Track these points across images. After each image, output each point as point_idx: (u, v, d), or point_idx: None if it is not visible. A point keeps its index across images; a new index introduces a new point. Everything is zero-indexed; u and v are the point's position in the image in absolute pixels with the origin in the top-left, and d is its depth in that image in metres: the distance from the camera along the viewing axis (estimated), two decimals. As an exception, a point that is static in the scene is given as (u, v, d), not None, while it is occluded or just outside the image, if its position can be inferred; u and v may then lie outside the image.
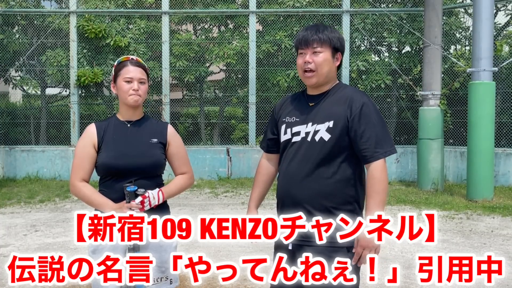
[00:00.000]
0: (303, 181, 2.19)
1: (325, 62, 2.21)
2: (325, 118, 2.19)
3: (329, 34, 2.23)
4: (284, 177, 2.27)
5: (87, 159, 2.42)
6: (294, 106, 2.33)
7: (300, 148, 2.22)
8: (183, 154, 2.61)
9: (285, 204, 2.27)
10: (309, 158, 2.18)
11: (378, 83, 10.69)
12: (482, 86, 8.16)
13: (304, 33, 2.26)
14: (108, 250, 2.39)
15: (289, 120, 2.30)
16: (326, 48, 2.22)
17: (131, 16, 11.10)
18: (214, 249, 5.34)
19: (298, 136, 2.24)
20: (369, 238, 2.11)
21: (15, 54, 10.98)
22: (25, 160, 10.62)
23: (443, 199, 8.28)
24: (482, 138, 8.11)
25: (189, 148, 10.75)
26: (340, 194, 2.18)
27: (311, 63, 2.21)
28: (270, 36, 10.96)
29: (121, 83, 2.45)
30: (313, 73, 2.22)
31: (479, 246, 5.52)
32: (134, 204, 2.33)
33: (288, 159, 2.26)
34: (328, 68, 2.23)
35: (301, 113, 2.28)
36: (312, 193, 2.17)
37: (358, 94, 2.23)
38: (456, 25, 10.81)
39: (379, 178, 2.12)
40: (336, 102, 2.21)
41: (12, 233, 6.11)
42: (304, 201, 2.18)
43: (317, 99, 2.27)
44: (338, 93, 2.25)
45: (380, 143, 2.13)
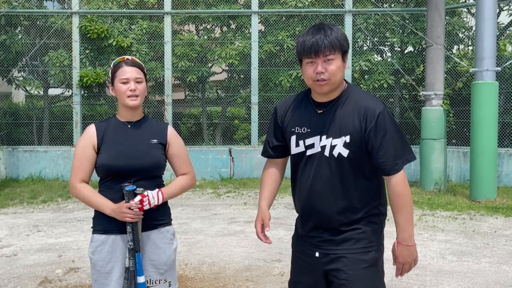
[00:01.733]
0: (329, 198, 2.14)
1: (338, 69, 2.07)
2: (340, 132, 2.09)
3: (338, 37, 2.06)
4: (308, 193, 2.19)
5: (87, 160, 2.41)
6: (301, 113, 2.20)
7: (319, 164, 2.14)
8: (183, 154, 2.59)
9: (310, 216, 2.21)
10: (332, 174, 2.13)
11: (381, 83, 10.67)
12: (485, 86, 8.13)
13: (311, 38, 2.06)
14: (107, 252, 2.39)
15: (299, 130, 2.18)
16: (337, 54, 2.06)
17: (133, 16, 11.10)
18: (217, 250, 5.33)
19: (313, 149, 2.15)
20: (406, 254, 2.15)
21: (18, 54, 11.00)
22: (27, 160, 10.63)
23: (446, 200, 8.25)
24: (485, 138, 8.08)
25: (191, 148, 10.75)
26: (365, 205, 2.16)
27: (324, 73, 2.05)
28: (272, 36, 10.95)
29: (118, 84, 2.43)
30: (325, 82, 2.07)
31: (482, 247, 5.49)
32: (133, 204, 2.31)
33: (308, 175, 2.18)
34: (341, 75, 2.11)
35: (310, 122, 2.16)
36: (338, 209, 2.14)
37: (372, 102, 2.10)
38: (459, 25, 10.78)
39: (402, 192, 2.09)
40: (350, 113, 2.10)
41: (15, 233, 6.12)
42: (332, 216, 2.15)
43: (326, 106, 2.15)
44: (350, 101, 2.12)
45: (398, 155, 2.08)
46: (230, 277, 4.49)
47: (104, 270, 2.38)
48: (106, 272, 2.38)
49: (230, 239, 5.79)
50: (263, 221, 2.36)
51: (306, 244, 2.26)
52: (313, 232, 2.22)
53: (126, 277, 2.36)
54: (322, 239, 2.19)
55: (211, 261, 4.93)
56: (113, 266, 2.39)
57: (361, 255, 2.14)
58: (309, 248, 2.23)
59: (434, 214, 7.22)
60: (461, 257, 5.11)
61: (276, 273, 4.58)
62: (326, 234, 2.18)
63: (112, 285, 2.38)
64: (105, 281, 2.38)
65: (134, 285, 2.35)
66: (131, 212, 2.31)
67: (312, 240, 2.22)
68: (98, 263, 2.39)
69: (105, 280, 2.38)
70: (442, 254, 5.19)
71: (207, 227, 6.39)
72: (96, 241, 2.40)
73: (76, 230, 6.26)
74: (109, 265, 2.38)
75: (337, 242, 2.16)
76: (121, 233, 2.39)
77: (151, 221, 2.44)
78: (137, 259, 2.36)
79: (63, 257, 5.07)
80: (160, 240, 2.47)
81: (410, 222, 2.11)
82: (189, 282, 4.34)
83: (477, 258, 5.08)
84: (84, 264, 4.83)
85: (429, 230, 6.24)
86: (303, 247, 2.28)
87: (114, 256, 2.39)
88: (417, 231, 6.21)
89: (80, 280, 4.40)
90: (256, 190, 9.20)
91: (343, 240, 2.15)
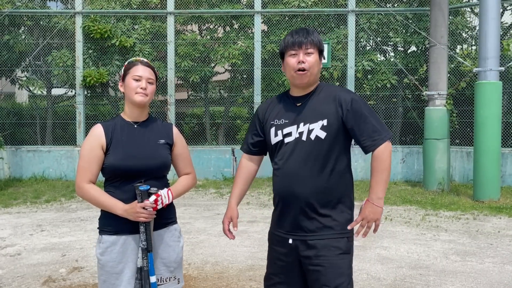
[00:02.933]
0: (305, 179, 2.28)
1: (316, 62, 2.34)
2: (317, 117, 2.30)
3: (317, 37, 2.36)
4: (283, 176, 2.34)
5: (95, 161, 2.39)
6: (281, 108, 2.42)
7: (295, 148, 2.31)
8: (187, 155, 2.61)
9: (287, 201, 2.34)
10: (307, 156, 2.28)
11: (384, 83, 10.66)
12: (489, 85, 8.11)
13: (295, 36, 2.36)
14: (117, 253, 2.37)
15: (278, 122, 2.38)
16: (315, 50, 2.34)
17: (136, 16, 11.12)
18: (220, 249, 5.33)
19: (291, 137, 2.32)
20: (369, 210, 2.26)
21: (21, 54, 11.03)
22: (31, 160, 10.66)
23: (449, 200, 8.23)
24: (489, 138, 8.06)
25: (194, 148, 10.76)
26: (339, 187, 2.31)
27: (305, 62, 2.31)
28: (275, 36, 10.95)
29: (129, 80, 2.44)
30: (305, 72, 2.32)
31: (485, 247, 5.48)
32: (148, 204, 2.31)
33: (284, 159, 2.34)
34: (318, 69, 2.36)
35: (289, 114, 2.37)
36: (315, 190, 2.27)
37: (345, 92, 2.35)
38: (463, 25, 10.75)
39: (381, 157, 2.25)
40: (325, 100, 2.33)
41: (19, 232, 6.13)
42: (308, 197, 2.28)
43: (303, 99, 2.37)
44: (324, 92, 2.36)
45: (377, 131, 2.26)
46: (233, 276, 4.49)
47: (114, 271, 2.36)
48: (116, 273, 2.36)
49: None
50: (232, 219, 2.54)
51: (281, 232, 2.38)
52: (287, 217, 2.34)
53: (138, 277, 2.36)
54: (296, 224, 2.31)
55: (214, 261, 4.93)
56: (124, 267, 2.37)
57: (334, 241, 2.26)
58: (284, 235, 2.35)
59: (437, 214, 7.20)
60: (465, 257, 5.10)
61: (279, 273, 4.57)
62: (300, 217, 2.29)
63: (123, 285, 2.36)
64: (116, 281, 2.36)
65: (148, 285, 2.35)
66: (146, 212, 2.31)
67: (286, 225, 2.34)
68: (108, 264, 2.36)
69: (116, 280, 2.36)
70: (446, 254, 5.18)
71: (210, 226, 6.39)
72: (106, 242, 2.37)
73: (80, 229, 6.27)
74: (119, 265, 2.36)
75: (310, 228, 2.28)
76: (132, 233, 2.38)
77: (162, 220, 2.45)
78: (149, 259, 2.36)
79: (67, 257, 5.08)
80: (169, 238, 2.48)
81: (382, 186, 2.26)
82: (192, 282, 4.34)
83: (480, 258, 5.06)
84: (87, 263, 4.84)
85: (433, 230, 6.23)
86: (277, 236, 2.40)
87: (125, 256, 2.37)
88: (420, 231, 6.20)
89: (84, 280, 4.40)
90: (258, 190, 9.20)
91: (317, 227, 2.28)
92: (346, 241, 2.29)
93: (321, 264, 2.23)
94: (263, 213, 7.21)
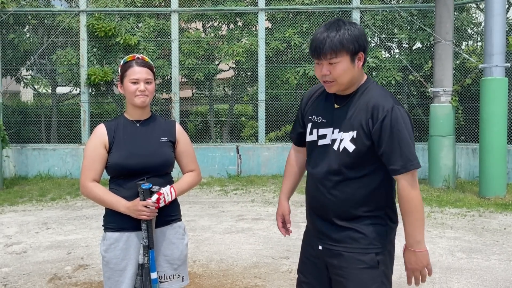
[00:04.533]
0: (329, 189, 2.15)
1: (344, 72, 2.04)
2: (349, 127, 2.09)
3: (343, 38, 2.01)
4: (311, 180, 2.23)
5: (98, 160, 2.41)
6: (321, 104, 2.23)
7: (325, 154, 2.16)
8: (191, 151, 2.61)
9: (314, 207, 2.25)
10: (335, 167, 2.13)
11: (389, 80, 10.62)
12: (494, 82, 8.06)
13: (318, 38, 2.04)
14: (121, 250, 2.39)
15: (315, 119, 2.21)
16: (342, 56, 2.02)
17: (140, 14, 11.12)
18: (225, 247, 5.34)
19: (325, 140, 2.17)
20: (414, 260, 2.10)
21: (26, 53, 11.06)
22: (36, 158, 10.70)
23: (455, 197, 8.20)
24: (495, 135, 8.02)
25: (198, 146, 10.76)
26: (367, 202, 2.11)
27: (329, 75, 2.06)
28: (280, 33, 10.93)
29: (127, 84, 2.43)
30: (332, 83, 2.09)
31: (491, 244, 5.45)
32: (150, 202, 2.32)
33: (314, 162, 2.21)
34: (350, 76, 2.07)
35: (327, 114, 2.18)
36: (338, 201, 2.13)
37: (383, 100, 2.06)
38: (468, 21, 10.68)
39: (407, 196, 2.04)
40: (361, 108, 2.09)
41: (24, 230, 6.16)
42: (330, 208, 2.15)
43: (343, 100, 2.15)
44: (364, 97, 2.11)
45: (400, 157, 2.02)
46: (238, 274, 4.49)
47: (118, 268, 2.38)
48: (120, 270, 2.38)
49: (238, 236, 5.80)
50: (284, 217, 2.44)
51: (311, 236, 2.29)
52: (316, 223, 2.23)
53: (139, 273, 2.37)
54: (323, 232, 2.19)
55: (219, 258, 4.93)
56: (127, 263, 2.39)
57: (359, 255, 2.11)
58: (314, 240, 2.25)
59: (443, 211, 7.18)
60: (470, 254, 5.08)
61: (284, 270, 4.57)
62: (326, 226, 2.17)
63: (126, 282, 2.38)
64: (119, 278, 2.38)
65: (149, 282, 2.36)
66: (147, 210, 2.31)
67: (315, 232, 2.24)
68: (112, 261, 2.38)
69: (119, 277, 2.38)
70: (451, 251, 5.16)
71: (215, 224, 6.40)
72: (110, 239, 2.40)
73: (85, 227, 6.29)
74: (123, 262, 2.38)
75: (336, 238, 2.15)
76: (135, 230, 2.39)
77: (164, 217, 2.45)
78: (151, 256, 2.37)
79: (72, 254, 5.10)
80: (173, 236, 2.49)
81: (418, 227, 2.05)
82: (197, 279, 4.35)
83: (486, 255, 5.04)
84: (93, 261, 4.85)
85: (438, 227, 6.21)
86: (309, 238, 2.31)
87: (128, 253, 2.39)
88: (426, 228, 6.15)
89: (89, 277, 4.42)
90: (263, 188, 9.20)
91: (342, 237, 2.14)
92: (374, 256, 2.11)
93: (343, 275, 2.13)
94: (267, 210, 7.21)
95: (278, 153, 10.67)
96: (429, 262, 2.09)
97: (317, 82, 10.52)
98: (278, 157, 10.64)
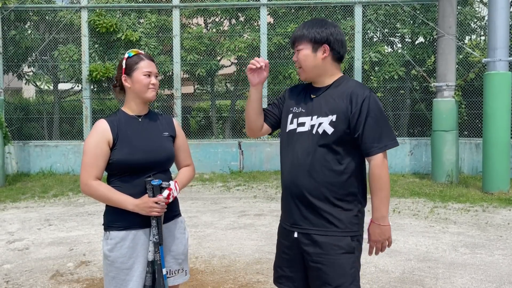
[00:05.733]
0: (309, 172, 2.24)
1: (305, 57, 2.29)
2: (328, 111, 2.24)
3: (307, 29, 2.28)
4: (290, 166, 2.31)
5: (101, 157, 2.33)
6: (300, 96, 2.40)
7: (304, 140, 2.27)
8: (187, 146, 2.62)
9: (292, 192, 2.31)
10: (313, 149, 2.24)
11: (391, 75, 10.56)
12: (498, 76, 8.02)
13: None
14: (127, 248, 2.34)
15: (295, 110, 2.36)
16: (305, 45, 2.29)
17: (141, 10, 11.09)
18: (227, 243, 5.32)
19: (304, 127, 2.30)
20: (378, 232, 2.25)
21: (28, 49, 11.05)
22: (38, 155, 10.70)
23: (458, 192, 8.17)
24: (498, 130, 7.98)
25: (200, 142, 10.75)
26: (345, 185, 2.24)
27: (296, 61, 2.34)
28: (281, 28, 10.88)
29: (140, 76, 2.39)
30: (300, 70, 2.34)
31: (495, 239, 5.42)
32: (161, 198, 2.29)
33: (292, 149, 2.31)
34: (313, 63, 2.29)
35: (305, 104, 2.35)
36: (316, 184, 2.23)
37: (360, 88, 2.25)
38: (471, 15, 10.61)
39: (378, 175, 2.20)
40: (339, 96, 2.26)
41: (27, 227, 6.16)
42: (311, 191, 2.24)
43: (319, 91, 2.33)
44: (341, 87, 2.29)
45: (378, 138, 2.19)
46: (240, 270, 4.47)
47: (125, 266, 2.33)
48: (127, 268, 2.33)
49: (240, 232, 5.78)
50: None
51: (286, 224, 2.34)
52: (292, 210, 2.29)
53: (148, 270, 2.34)
54: (300, 217, 2.26)
55: (222, 254, 4.92)
56: (134, 262, 2.34)
57: (335, 240, 2.21)
58: (289, 228, 2.31)
59: (446, 206, 7.14)
60: (474, 249, 5.05)
61: (287, 266, 4.55)
62: (303, 210, 2.25)
63: (134, 280, 2.33)
64: (126, 277, 2.33)
65: (161, 278, 2.33)
66: (158, 206, 2.29)
67: (290, 219, 2.30)
68: (118, 260, 2.32)
69: (126, 276, 2.33)
70: (455, 247, 5.13)
71: (217, 220, 6.38)
72: (115, 238, 2.33)
73: (87, 224, 6.28)
74: (130, 260, 2.33)
75: (313, 222, 2.23)
76: (142, 228, 2.35)
77: (169, 213, 2.43)
78: (161, 252, 2.35)
79: (74, 251, 5.09)
80: (176, 231, 2.47)
81: (384, 204, 2.23)
82: (199, 275, 4.34)
83: (490, 250, 5.01)
84: (95, 257, 4.84)
85: (441, 223, 6.18)
86: (282, 232, 2.37)
87: (135, 251, 2.34)
88: (429, 223, 6.15)
89: (91, 274, 4.41)
90: (266, 183, 9.18)
91: (320, 221, 2.22)
92: (350, 240, 2.23)
93: (322, 262, 2.20)
94: (270, 206, 7.19)
95: (281, 149, 10.63)
96: (390, 235, 2.26)
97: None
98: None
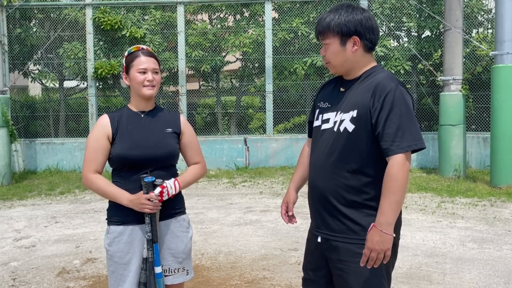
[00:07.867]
0: (328, 173, 2.09)
1: (334, 54, 2.09)
2: (350, 107, 2.05)
3: (332, 21, 2.06)
4: (312, 167, 2.20)
5: (101, 151, 2.37)
6: (329, 91, 2.24)
7: (327, 138, 2.12)
8: (195, 143, 2.57)
9: (313, 194, 2.21)
10: (334, 149, 2.08)
11: (398, 69, 10.49)
12: (506, 69, 7.93)
13: (317, 21, 2.17)
14: (125, 243, 2.36)
15: (322, 105, 2.22)
16: (332, 38, 2.08)
17: (146, 7, 11.07)
18: (233, 239, 5.31)
19: (327, 124, 2.14)
20: (377, 240, 1.95)
21: (33, 47, 11.07)
22: (45, 152, 10.74)
23: (465, 186, 8.11)
24: (506, 123, 7.90)
25: (206, 138, 10.74)
26: (366, 188, 2.04)
27: (324, 56, 2.15)
28: (286, 23, 10.82)
29: (134, 74, 2.40)
30: (328, 64, 2.17)
31: (503, 234, 5.37)
32: (153, 195, 2.29)
33: (316, 148, 2.19)
34: (342, 58, 2.09)
35: (332, 99, 2.18)
36: (337, 188, 2.07)
37: (386, 80, 2.02)
38: (478, 8, 10.51)
39: (395, 175, 1.93)
40: (364, 89, 2.05)
41: (33, 224, 6.18)
42: (330, 194, 2.10)
43: (349, 84, 2.14)
44: (368, 79, 2.08)
45: (400, 136, 1.94)
46: (246, 266, 4.46)
47: (122, 261, 2.36)
48: (124, 263, 2.36)
49: (246, 228, 5.77)
50: (288, 204, 2.39)
51: (311, 229, 2.27)
52: (315, 212, 2.21)
53: (143, 267, 2.35)
54: (321, 221, 2.15)
55: (228, 251, 4.91)
56: (131, 257, 2.36)
57: (356, 247, 2.04)
58: (313, 231, 2.23)
59: (453, 201, 7.09)
60: (482, 244, 5.00)
61: (293, 262, 4.53)
62: (324, 213, 2.13)
63: (130, 275, 2.36)
64: (124, 272, 2.36)
65: (153, 276, 2.34)
66: (151, 203, 2.29)
67: (315, 222, 2.22)
68: (116, 255, 2.36)
69: (124, 271, 2.36)
70: (462, 242, 5.09)
71: (223, 216, 6.37)
72: (113, 233, 2.37)
73: (94, 221, 6.29)
74: (127, 256, 2.36)
75: (334, 228, 2.09)
76: (139, 223, 2.37)
77: (169, 210, 2.42)
78: (155, 250, 2.35)
79: (81, 248, 5.10)
80: (177, 229, 2.46)
81: (393, 209, 1.94)
82: (205, 272, 4.33)
83: (498, 245, 4.96)
84: (101, 254, 4.85)
85: (449, 217, 6.13)
86: (310, 233, 2.29)
87: (132, 246, 2.36)
88: (436, 218, 6.11)
89: (98, 271, 4.41)
90: (272, 179, 9.16)
91: (340, 227, 2.08)
92: None
93: (343, 269, 2.07)
94: (276, 202, 7.17)
95: (287, 145, 10.61)
96: (390, 248, 1.96)
97: (325, 72, 10.38)
98: (286, 149, 10.58)
